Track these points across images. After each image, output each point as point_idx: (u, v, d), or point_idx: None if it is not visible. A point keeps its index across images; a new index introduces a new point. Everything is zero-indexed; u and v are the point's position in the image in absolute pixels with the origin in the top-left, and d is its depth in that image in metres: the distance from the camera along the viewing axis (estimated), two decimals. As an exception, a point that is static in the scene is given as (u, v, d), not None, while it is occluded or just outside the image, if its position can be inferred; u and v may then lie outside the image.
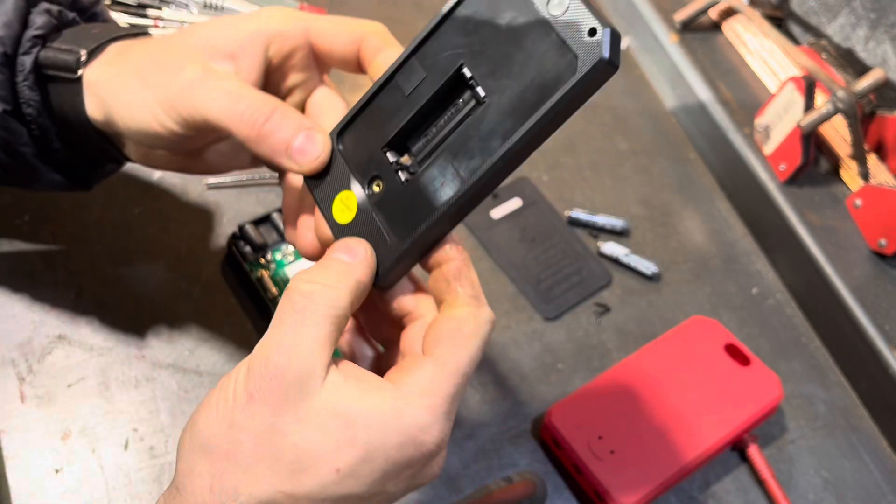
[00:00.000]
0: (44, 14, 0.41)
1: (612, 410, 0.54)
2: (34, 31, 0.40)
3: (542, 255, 0.64)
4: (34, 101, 0.40)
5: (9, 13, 0.40)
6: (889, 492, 0.58)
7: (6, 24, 0.39)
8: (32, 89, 0.40)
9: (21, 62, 0.40)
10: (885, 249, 0.65)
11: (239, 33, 0.37)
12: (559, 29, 0.31)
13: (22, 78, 0.40)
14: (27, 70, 0.40)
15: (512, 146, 0.32)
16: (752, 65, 0.78)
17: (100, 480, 0.48)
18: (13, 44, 0.39)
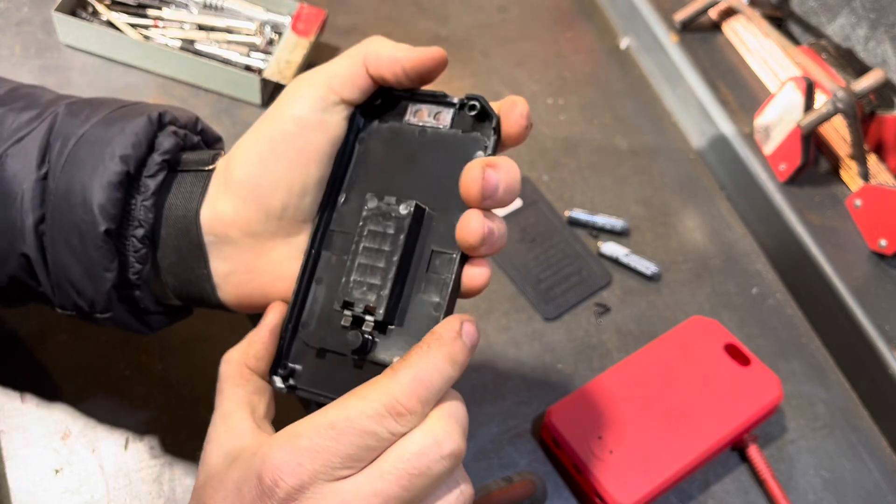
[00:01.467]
0: (171, 137, 0.40)
1: (612, 410, 0.54)
2: (162, 156, 0.40)
3: (542, 255, 0.64)
4: (146, 223, 0.39)
5: (139, 134, 0.39)
6: (889, 492, 0.58)
7: (135, 145, 0.39)
8: (150, 210, 0.39)
9: (145, 184, 0.39)
10: (885, 249, 0.65)
11: (338, 66, 0.41)
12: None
13: (142, 199, 0.39)
14: (150, 192, 0.39)
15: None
16: (752, 65, 0.78)
17: (100, 480, 0.48)
18: (136, 165, 0.39)
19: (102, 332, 0.53)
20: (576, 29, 0.83)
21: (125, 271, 0.40)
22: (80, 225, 0.39)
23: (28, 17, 0.68)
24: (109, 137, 0.39)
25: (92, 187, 0.38)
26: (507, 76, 0.76)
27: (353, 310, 0.36)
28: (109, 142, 0.39)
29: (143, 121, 0.40)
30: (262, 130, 0.39)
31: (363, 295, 0.36)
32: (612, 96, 0.77)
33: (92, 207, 0.38)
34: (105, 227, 0.38)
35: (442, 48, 0.40)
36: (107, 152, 0.39)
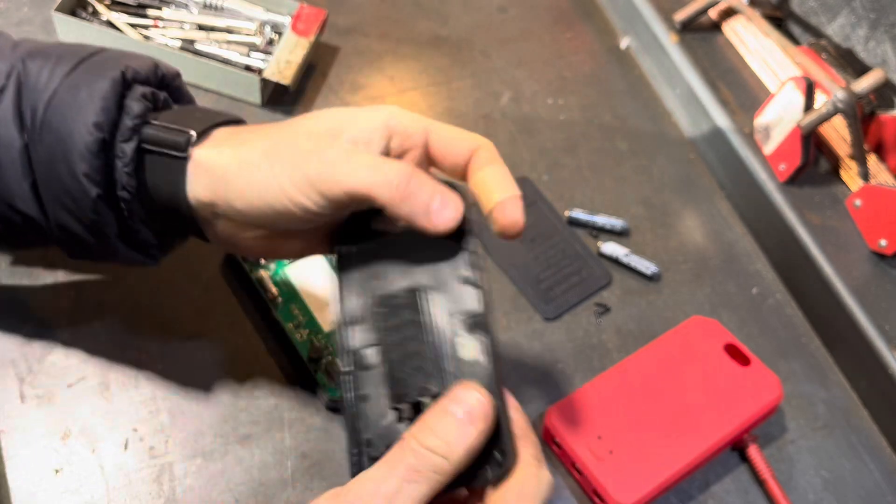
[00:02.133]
0: (140, 100, 0.41)
1: (611, 410, 0.54)
2: (133, 120, 0.40)
3: (542, 255, 0.64)
4: (131, 187, 0.41)
5: (107, 98, 0.40)
6: (889, 492, 0.58)
7: (104, 110, 0.40)
8: (132, 175, 0.40)
9: (121, 149, 0.40)
10: (885, 249, 0.65)
11: (366, 123, 0.40)
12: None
13: (122, 164, 0.40)
14: (128, 157, 0.40)
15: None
16: (752, 65, 0.78)
17: (100, 480, 0.48)
18: (110, 129, 0.40)
19: (102, 333, 0.53)
20: (576, 29, 0.83)
21: (123, 222, 0.42)
22: (71, 191, 0.40)
23: (28, 17, 0.68)
24: (79, 105, 0.40)
25: (72, 155, 0.39)
26: (507, 76, 0.76)
27: (408, 399, 0.37)
28: (80, 109, 0.40)
29: (107, 84, 0.40)
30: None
31: (412, 382, 0.37)
32: (612, 96, 0.77)
33: (78, 176, 0.40)
34: (96, 192, 0.40)
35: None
36: (79, 120, 0.39)
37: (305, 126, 0.40)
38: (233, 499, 0.49)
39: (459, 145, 0.41)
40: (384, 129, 0.40)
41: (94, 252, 0.44)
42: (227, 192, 0.40)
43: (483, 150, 0.41)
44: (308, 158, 0.38)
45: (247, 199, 0.39)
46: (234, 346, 0.54)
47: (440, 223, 0.38)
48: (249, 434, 0.51)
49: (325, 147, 0.39)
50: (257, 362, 0.54)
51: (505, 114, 0.73)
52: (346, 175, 0.37)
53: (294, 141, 0.39)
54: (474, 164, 0.41)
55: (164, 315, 0.54)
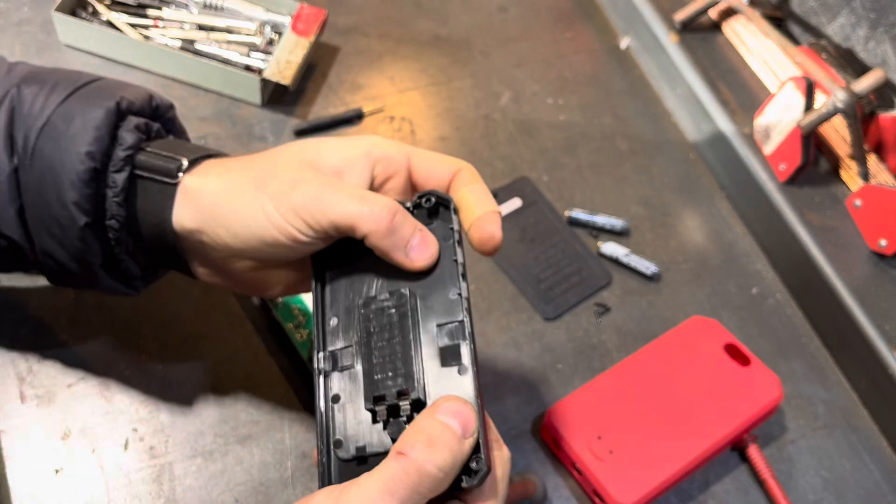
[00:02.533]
0: (133, 132, 0.41)
1: (611, 410, 0.54)
2: (125, 151, 0.41)
3: (542, 255, 0.64)
4: (120, 217, 0.41)
5: (100, 128, 0.40)
6: (889, 492, 0.58)
7: (97, 140, 0.40)
8: (121, 206, 0.41)
9: (113, 179, 0.40)
10: (885, 249, 0.65)
11: (349, 152, 0.41)
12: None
13: (113, 194, 0.40)
14: (119, 187, 0.40)
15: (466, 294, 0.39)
16: (752, 65, 0.78)
17: (100, 480, 0.48)
18: (102, 159, 0.40)
19: (102, 333, 0.53)
20: (576, 29, 0.83)
21: (108, 251, 0.42)
22: (58, 219, 0.40)
23: (28, 17, 0.68)
24: (72, 134, 0.40)
25: (63, 184, 0.40)
26: (507, 76, 0.76)
27: (386, 401, 0.36)
28: (73, 138, 0.40)
29: (101, 113, 0.40)
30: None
31: (391, 384, 0.37)
32: (612, 96, 0.77)
33: (67, 205, 0.40)
34: (84, 221, 0.40)
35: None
36: (72, 150, 0.40)
37: (291, 155, 0.41)
38: (233, 499, 0.49)
39: (441, 169, 0.42)
40: (367, 157, 0.41)
41: (77, 280, 0.44)
42: (213, 220, 0.40)
43: (464, 172, 0.42)
44: (294, 187, 0.39)
45: (232, 227, 0.40)
46: (234, 346, 0.54)
47: (417, 260, 0.39)
48: (249, 434, 0.51)
49: (310, 176, 0.39)
50: (257, 362, 0.54)
51: (505, 114, 0.73)
52: (331, 205, 0.38)
53: (280, 170, 0.40)
54: (456, 184, 0.42)
55: (164, 315, 0.54)
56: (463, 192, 0.41)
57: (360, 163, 0.41)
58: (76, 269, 0.43)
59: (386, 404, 0.36)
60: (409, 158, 0.42)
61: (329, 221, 0.38)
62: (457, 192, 0.41)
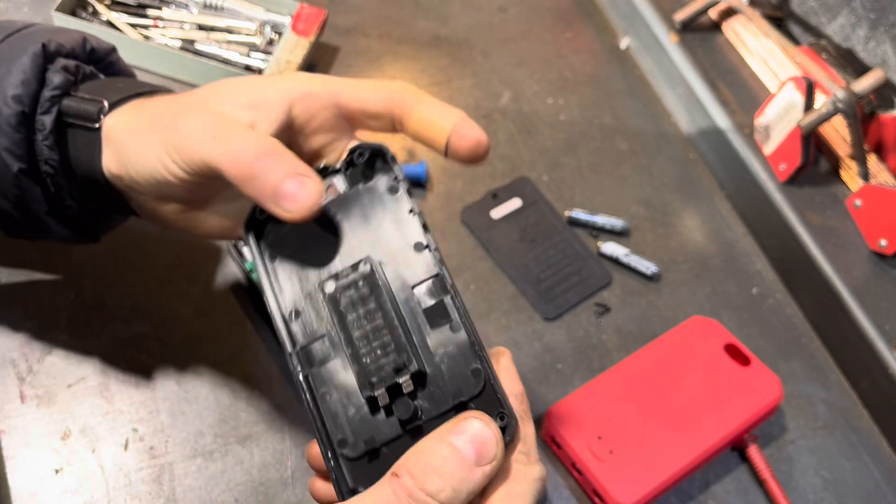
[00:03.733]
0: (61, 73, 0.40)
1: (611, 410, 0.54)
2: (52, 91, 0.40)
3: (542, 255, 0.64)
4: (52, 161, 0.40)
5: (26, 71, 0.39)
6: (889, 492, 0.58)
7: (24, 83, 0.39)
8: (52, 148, 0.40)
9: (41, 122, 0.40)
10: (885, 249, 0.65)
11: (262, 91, 0.38)
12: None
13: (42, 137, 0.40)
14: (47, 129, 0.39)
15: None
16: (752, 65, 0.78)
17: (100, 480, 0.48)
18: (31, 102, 0.39)
19: (102, 333, 0.53)
20: (576, 29, 0.83)
21: (52, 198, 0.41)
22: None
23: (28, 17, 0.68)
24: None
25: None
26: (507, 76, 0.76)
27: (385, 382, 0.33)
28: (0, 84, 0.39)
29: (27, 59, 0.39)
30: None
31: (384, 362, 0.33)
32: (612, 96, 0.77)
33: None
34: (17, 167, 0.39)
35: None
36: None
37: (204, 94, 0.38)
38: (233, 499, 0.49)
39: (375, 98, 0.38)
40: (282, 96, 0.37)
41: (28, 230, 0.43)
42: (123, 162, 0.39)
43: (405, 94, 0.38)
44: (176, 125, 0.36)
45: (135, 167, 0.38)
46: (234, 346, 0.54)
47: (290, 209, 0.34)
48: (249, 434, 0.51)
49: (195, 114, 0.37)
50: (257, 362, 0.54)
51: (505, 114, 0.73)
52: (201, 143, 0.35)
53: (181, 108, 0.38)
54: (403, 111, 0.37)
55: (164, 315, 0.54)
56: (417, 113, 0.37)
57: (274, 103, 0.37)
58: (22, 218, 0.42)
59: (384, 386, 0.33)
60: (336, 95, 0.38)
61: (201, 161, 0.35)
62: (408, 119, 0.37)
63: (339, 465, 0.33)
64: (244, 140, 0.35)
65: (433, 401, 0.34)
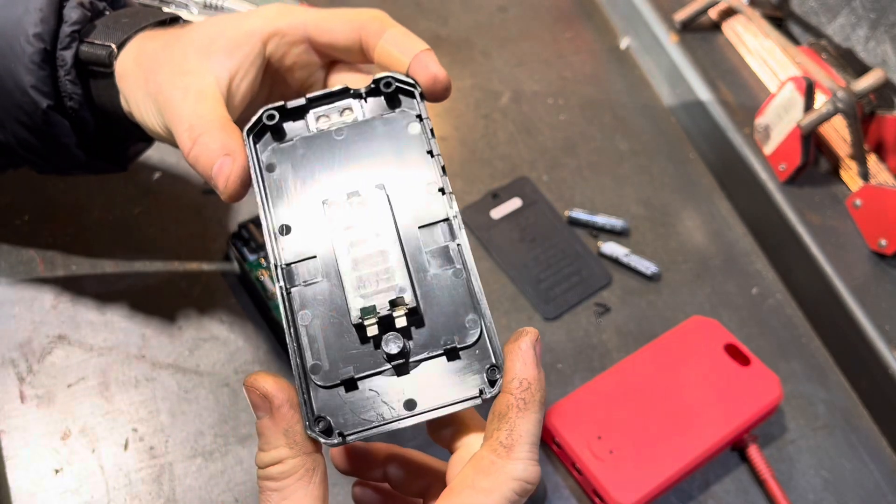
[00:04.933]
0: (77, 8, 0.41)
1: (611, 410, 0.54)
2: (71, 27, 0.41)
3: (542, 255, 0.64)
4: (76, 95, 0.41)
5: (44, 9, 0.40)
6: (889, 492, 0.58)
7: (43, 20, 0.40)
8: (74, 83, 0.41)
9: (62, 57, 0.41)
10: (885, 249, 0.65)
11: (236, 32, 0.38)
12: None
13: (64, 73, 0.41)
14: (69, 65, 0.41)
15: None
16: (752, 65, 0.78)
17: (100, 480, 0.48)
18: (51, 39, 0.40)
19: (103, 333, 0.53)
20: (576, 29, 0.83)
21: (81, 132, 0.43)
22: (22, 106, 0.41)
23: (28, 17, 0.68)
24: (16, 18, 0.40)
25: (18, 70, 0.40)
26: (507, 76, 0.76)
27: (377, 313, 0.31)
28: (18, 23, 0.40)
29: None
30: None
31: (380, 291, 0.32)
32: (612, 96, 0.77)
33: (26, 89, 0.40)
34: (46, 103, 0.41)
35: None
36: (19, 34, 0.40)
37: (188, 37, 0.39)
38: (233, 499, 0.49)
39: (343, 31, 0.37)
40: (255, 34, 0.38)
41: (59, 164, 0.44)
42: (133, 108, 0.40)
43: (371, 23, 0.37)
44: (161, 91, 0.37)
45: (139, 116, 0.40)
46: (234, 346, 0.54)
47: (221, 191, 0.35)
48: (249, 434, 0.51)
49: (174, 82, 0.37)
50: (257, 362, 0.54)
51: (505, 114, 0.73)
52: (169, 118, 0.37)
53: (169, 59, 0.38)
54: (369, 40, 0.37)
55: (164, 315, 0.54)
56: (380, 47, 0.37)
57: (250, 42, 0.38)
58: (53, 153, 0.43)
59: (377, 317, 0.31)
60: (306, 28, 0.38)
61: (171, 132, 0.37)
62: (374, 49, 0.37)
63: (309, 391, 0.31)
64: (188, 124, 0.36)
65: (423, 341, 0.32)
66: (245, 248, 0.56)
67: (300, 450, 0.30)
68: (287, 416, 0.30)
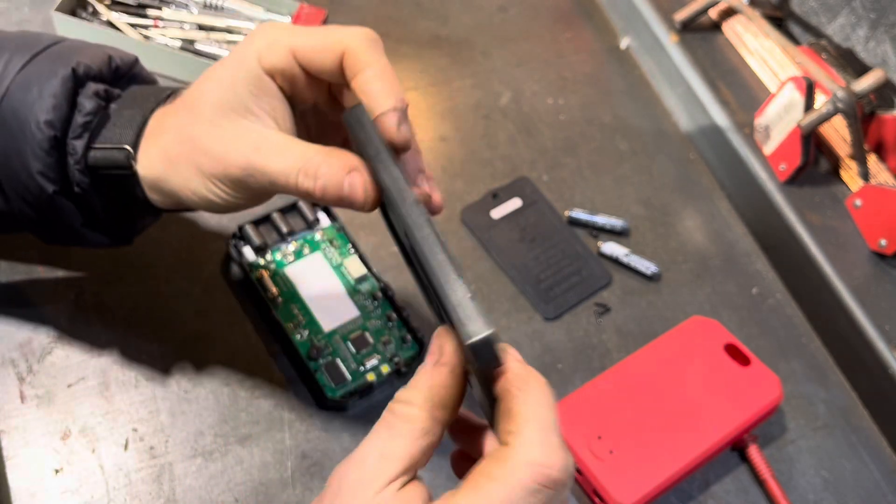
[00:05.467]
0: (92, 98, 0.41)
1: (611, 410, 0.54)
2: (84, 117, 0.40)
3: (542, 255, 0.64)
4: (84, 184, 0.41)
5: (57, 96, 0.40)
6: (889, 492, 0.58)
7: (55, 107, 0.40)
8: (83, 173, 0.41)
9: (72, 146, 0.40)
10: (885, 249, 0.65)
11: (244, 73, 0.38)
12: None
13: (73, 161, 0.40)
14: (79, 154, 0.40)
15: None
16: (752, 65, 0.78)
17: (100, 480, 0.48)
18: (62, 126, 0.40)
19: (103, 333, 0.53)
20: (576, 29, 0.83)
21: (87, 213, 0.43)
22: (29, 188, 0.41)
23: (28, 17, 0.68)
24: (30, 102, 0.40)
25: (26, 154, 0.40)
26: (507, 76, 0.76)
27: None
28: (31, 107, 0.40)
29: (57, 83, 0.40)
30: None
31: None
32: (612, 96, 0.77)
33: (33, 174, 0.40)
34: (52, 189, 0.40)
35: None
36: (31, 119, 0.39)
37: (210, 104, 0.38)
38: (233, 499, 0.49)
39: (325, 60, 0.37)
40: (264, 77, 0.38)
41: (64, 239, 0.45)
42: (168, 193, 0.40)
43: (350, 56, 0.36)
44: (206, 149, 0.38)
45: (181, 197, 0.40)
46: (234, 346, 0.54)
47: (363, 201, 0.36)
48: (249, 434, 0.51)
49: (213, 131, 0.38)
50: (257, 362, 0.54)
51: (505, 114, 0.73)
52: (241, 160, 0.37)
53: (192, 128, 0.38)
54: (350, 71, 0.37)
55: (164, 315, 0.54)
56: (357, 82, 0.36)
57: (269, 90, 0.38)
58: (58, 230, 0.43)
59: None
60: (294, 56, 0.37)
61: (269, 182, 0.37)
62: (354, 82, 0.37)
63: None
64: (289, 150, 0.36)
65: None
66: (245, 248, 0.56)
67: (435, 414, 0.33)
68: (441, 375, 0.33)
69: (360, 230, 0.61)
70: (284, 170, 0.36)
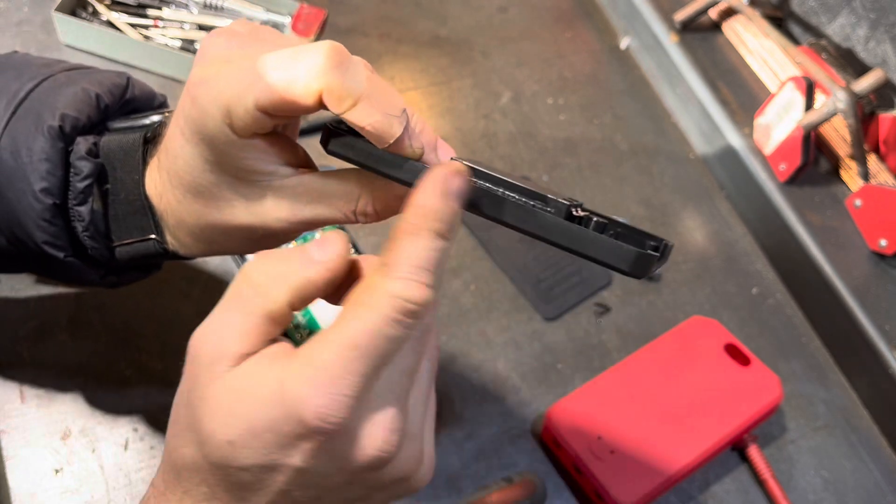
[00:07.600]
0: (87, 160, 0.37)
1: (611, 410, 0.54)
2: (83, 181, 0.37)
3: (542, 255, 0.64)
4: (97, 248, 0.38)
5: (50, 160, 0.36)
6: (889, 492, 0.58)
7: (49, 172, 0.36)
8: (94, 238, 0.38)
9: (77, 213, 0.37)
10: (885, 249, 0.65)
11: (232, 88, 0.35)
12: None
13: (82, 228, 0.37)
14: (87, 221, 0.37)
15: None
16: (752, 65, 0.78)
17: (100, 480, 0.48)
18: (61, 193, 0.37)
19: (102, 333, 0.53)
20: (576, 29, 0.83)
21: (98, 267, 0.41)
22: (38, 256, 0.39)
23: (28, 17, 0.68)
24: (22, 167, 0.37)
25: (29, 227, 0.37)
26: (507, 76, 0.76)
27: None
28: (24, 175, 0.36)
29: (46, 143, 0.36)
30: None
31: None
32: (612, 96, 0.77)
33: (41, 246, 0.37)
34: (63, 255, 0.38)
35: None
36: (27, 189, 0.36)
37: (194, 166, 0.35)
38: (233, 499, 0.48)
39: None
40: (224, 130, 0.35)
41: (61, 277, 0.42)
42: (184, 239, 0.38)
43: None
44: (246, 214, 0.36)
45: (197, 247, 0.38)
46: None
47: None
48: (249, 434, 0.51)
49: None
50: (257, 362, 0.54)
51: (505, 114, 0.73)
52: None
53: (209, 189, 0.36)
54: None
55: (164, 315, 0.54)
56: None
57: (240, 98, 0.34)
58: (74, 282, 0.43)
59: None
60: (252, 100, 0.33)
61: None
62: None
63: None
64: (334, 189, 0.35)
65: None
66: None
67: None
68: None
69: (361, 230, 0.61)
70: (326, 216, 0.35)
